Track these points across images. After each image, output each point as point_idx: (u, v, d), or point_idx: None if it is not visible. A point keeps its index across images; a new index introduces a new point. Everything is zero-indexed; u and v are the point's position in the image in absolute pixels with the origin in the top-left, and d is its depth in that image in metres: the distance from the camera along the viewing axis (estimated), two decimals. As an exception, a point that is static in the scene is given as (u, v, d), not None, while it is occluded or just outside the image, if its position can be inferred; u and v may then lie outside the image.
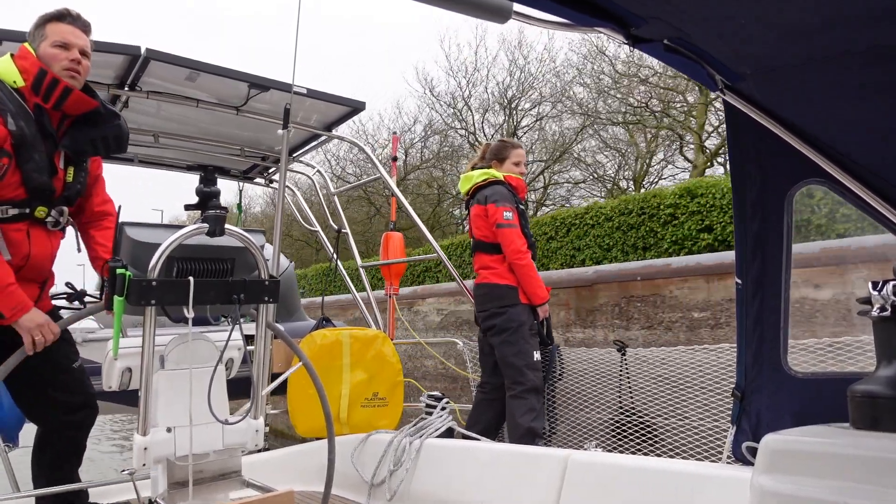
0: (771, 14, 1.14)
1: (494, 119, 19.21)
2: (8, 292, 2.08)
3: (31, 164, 2.17)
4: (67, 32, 2.27)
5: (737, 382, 1.87)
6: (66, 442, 2.43)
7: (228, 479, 1.95)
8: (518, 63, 18.42)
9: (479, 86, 19.01)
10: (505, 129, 18.64)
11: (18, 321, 2.09)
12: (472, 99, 19.18)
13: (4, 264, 2.11)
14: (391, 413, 3.62)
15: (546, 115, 18.58)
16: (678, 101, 15.96)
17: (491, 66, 18.81)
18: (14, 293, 2.10)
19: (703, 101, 14.28)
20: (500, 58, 19.19)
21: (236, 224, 2.01)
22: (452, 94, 19.37)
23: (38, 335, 2.10)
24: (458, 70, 19.25)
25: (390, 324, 4.95)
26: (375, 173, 5.06)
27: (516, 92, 18.68)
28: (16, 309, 2.09)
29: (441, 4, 1.21)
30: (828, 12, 1.11)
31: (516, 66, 18.47)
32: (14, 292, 2.10)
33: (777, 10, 1.13)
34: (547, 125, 18.79)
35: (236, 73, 3.51)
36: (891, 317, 1.36)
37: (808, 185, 1.65)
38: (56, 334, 2.14)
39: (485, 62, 19.04)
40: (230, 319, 1.97)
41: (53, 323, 2.15)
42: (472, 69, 18.93)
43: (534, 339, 3.65)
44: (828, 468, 1.27)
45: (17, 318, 2.09)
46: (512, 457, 2.57)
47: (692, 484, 1.97)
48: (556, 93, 18.08)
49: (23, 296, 2.13)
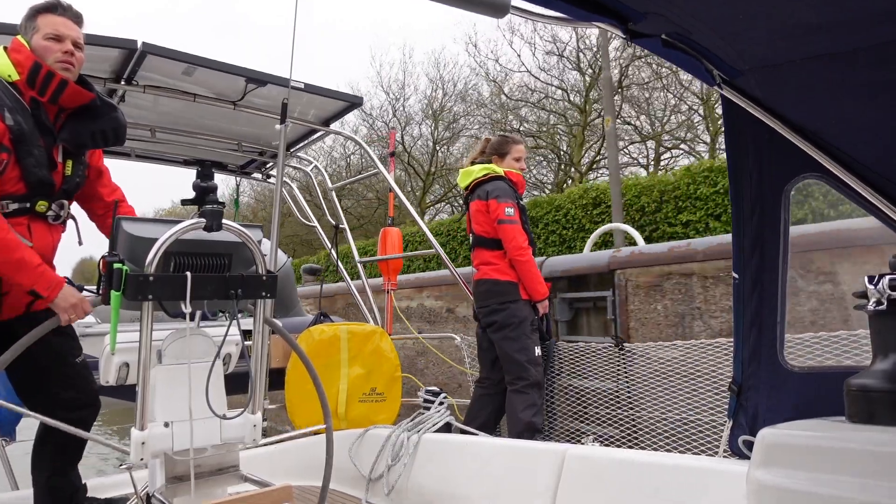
0: (769, 11, 1.14)
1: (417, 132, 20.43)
2: (40, 272, 2.09)
3: (30, 159, 2.16)
4: (59, 24, 2.25)
5: (734, 377, 1.88)
6: (67, 437, 2.43)
7: (226, 474, 1.95)
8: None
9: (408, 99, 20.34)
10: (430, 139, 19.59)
11: (55, 300, 2.09)
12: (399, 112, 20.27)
13: (28, 248, 2.11)
14: (389, 408, 3.63)
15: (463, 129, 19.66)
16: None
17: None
18: (45, 272, 2.10)
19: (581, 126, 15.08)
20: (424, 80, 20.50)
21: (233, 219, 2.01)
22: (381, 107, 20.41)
23: (73, 314, 2.10)
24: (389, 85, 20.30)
25: (388, 319, 4.95)
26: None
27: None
28: (52, 287, 2.09)
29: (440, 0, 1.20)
30: (826, 10, 1.11)
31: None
32: (45, 271, 2.10)
33: (775, 8, 1.13)
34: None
35: (233, 67, 3.50)
36: (886, 311, 1.37)
37: (805, 180, 1.66)
38: (88, 312, 2.15)
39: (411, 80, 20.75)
40: (227, 314, 1.97)
41: (86, 301, 2.15)
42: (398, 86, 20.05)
43: (534, 335, 3.66)
44: (824, 462, 1.27)
45: (55, 295, 2.08)
46: (509, 451, 2.57)
47: (689, 478, 1.98)
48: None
49: (54, 274, 2.13)
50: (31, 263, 2.09)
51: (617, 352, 3.93)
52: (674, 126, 16.51)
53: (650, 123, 16.95)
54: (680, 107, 16.24)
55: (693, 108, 15.99)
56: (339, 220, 4.82)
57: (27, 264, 2.08)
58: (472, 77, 19.48)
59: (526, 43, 18.15)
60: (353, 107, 4.24)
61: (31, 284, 2.10)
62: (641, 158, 17.50)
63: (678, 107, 16.25)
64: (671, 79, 15.56)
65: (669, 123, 16.58)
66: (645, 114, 16.85)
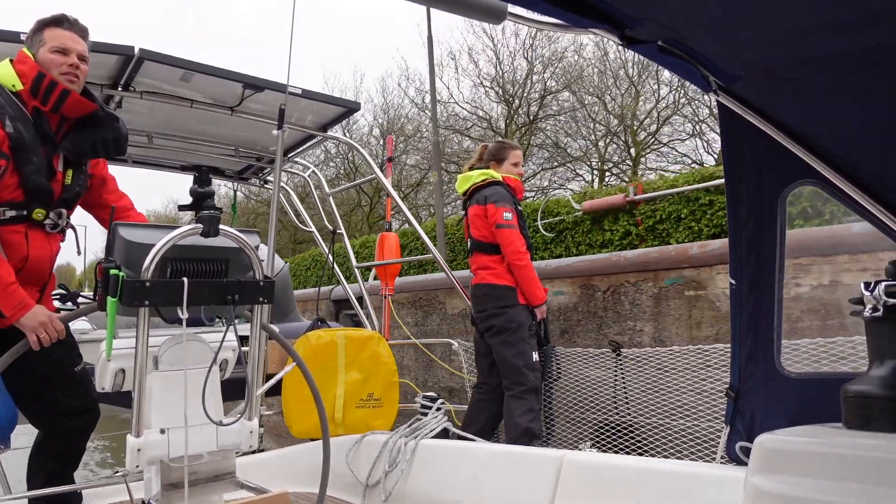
0: (765, 16, 1.15)
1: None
2: (9, 291, 2.07)
3: (29, 167, 2.18)
4: (66, 38, 2.28)
5: (731, 382, 1.88)
6: (66, 445, 2.43)
7: (223, 481, 1.94)
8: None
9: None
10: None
11: (20, 320, 2.07)
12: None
13: (5, 263, 2.10)
14: (386, 414, 3.62)
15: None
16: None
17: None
18: (15, 292, 2.08)
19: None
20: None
21: (230, 225, 2.01)
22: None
23: (42, 333, 2.07)
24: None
25: (385, 324, 4.94)
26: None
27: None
28: (16, 308, 2.07)
29: (437, 5, 1.21)
30: (822, 15, 1.12)
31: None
32: (15, 291, 2.08)
33: (771, 13, 1.13)
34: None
35: (231, 73, 3.51)
36: (883, 317, 1.37)
37: (802, 186, 1.66)
38: (61, 331, 2.12)
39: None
40: (224, 320, 1.96)
41: (57, 320, 2.12)
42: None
43: (532, 340, 3.65)
44: (821, 468, 1.27)
45: (18, 317, 2.07)
46: (507, 457, 2.57)
47: (686, 484, 1.97)
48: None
49: (23, 295, 2.11)
50: (3, 281, 2.07)
51: (614, 357, 3.92)
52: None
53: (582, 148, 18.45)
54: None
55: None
56: (336, 224, 4.82)
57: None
58: (411, 107, 20.72)
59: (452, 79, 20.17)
60: (351, 112, 4.25)
61: None
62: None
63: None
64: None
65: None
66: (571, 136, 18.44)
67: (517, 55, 18.32)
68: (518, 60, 18.36)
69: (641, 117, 17.10)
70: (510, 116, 18.60)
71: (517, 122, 18.51)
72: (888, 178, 1.43)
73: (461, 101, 19.44)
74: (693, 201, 6.05)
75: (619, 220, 6.68)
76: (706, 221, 5.92)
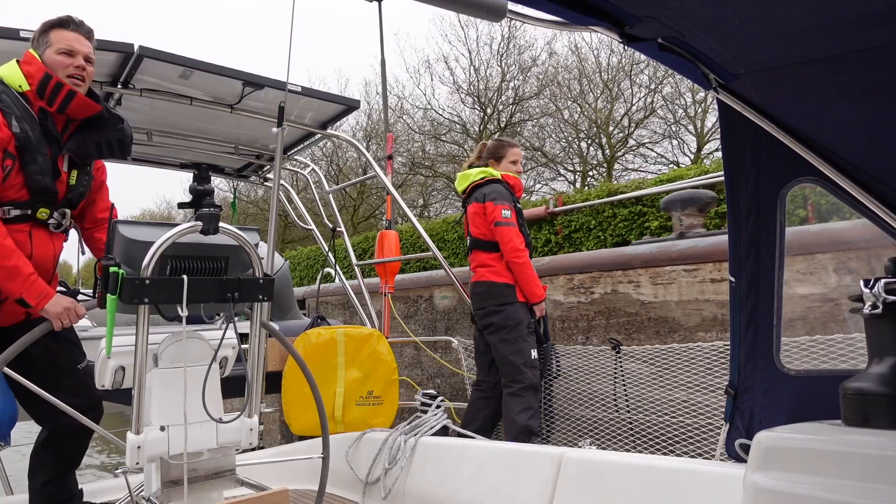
0: (765, 15, 1.15)
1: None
2: (30, 282, 2.14)
3: (34, 167, 2.20)
4: (72, 39, 2.30)
5: (730, 380, 1.88)
6: (69, 443, 2.44)
7: (222, 478, 1.94)
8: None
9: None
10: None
11: (45, 308, 2.15)
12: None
13: (23, 256, 2.16)
14: (386, 411, 3.62)
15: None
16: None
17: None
18: (36, 282, 2.16)
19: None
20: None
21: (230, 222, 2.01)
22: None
23: (66, 319, 2.17)
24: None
25: (385, 322, 4.95)
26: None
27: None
28: (41, 297, 2.15)
29: (437, 3, 1.21)
30: (822, 14, 1.12)
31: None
32: (36, 281, 2.16)
33: (771, 11, 1.13)
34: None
35: (230, 70, 3.50)
36: (882, 314, 1.37)
37: (801, 184, 1.66)
38: (81, 316, 2.22)
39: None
40: (224, 318, 1.97)
41: (79, 305, 2.21)
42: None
43: (531, 338, 3.66)
44: (820, 465, 1.28)
45: (42, 305, 2.15)
46: (507, 455, 2.57)
47: (686, 481, 1.98)
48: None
49: (44, 284, 2.18)
50: (24, 272, 2.13)
51: (614, 354, 3.93)
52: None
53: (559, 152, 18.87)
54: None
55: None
56: (336, 222, 4.82)
57: (20, 272, 2.12)
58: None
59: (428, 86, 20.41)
60: (351, 110, 4.24)
61: (20, 293, 2.13)
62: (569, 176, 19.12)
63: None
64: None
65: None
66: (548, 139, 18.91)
67: (492, 63, 18.68)
68: (493, 68, 18.71)
69: (618, 119, 17.36)
70: (483, 123, 19.04)
71: (489, 127, 18.92)
72: (887, 176, 1.43)
73: (437, 107, 20.11)
74: (600, 213, 7.01)
75: (542, 230, 7.63)
76: (611, 231, 6.94)
